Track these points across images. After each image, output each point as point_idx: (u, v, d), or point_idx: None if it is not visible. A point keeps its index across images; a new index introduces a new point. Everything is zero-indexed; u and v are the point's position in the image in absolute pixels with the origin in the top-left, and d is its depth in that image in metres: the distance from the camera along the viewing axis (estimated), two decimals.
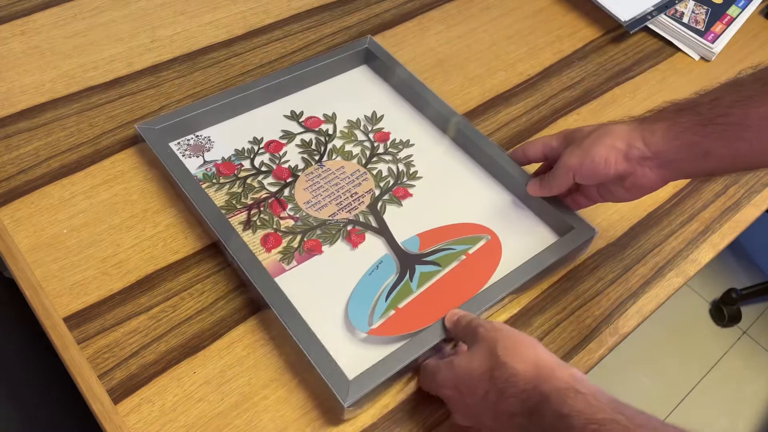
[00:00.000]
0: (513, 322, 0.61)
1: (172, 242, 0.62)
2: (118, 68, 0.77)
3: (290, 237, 0.63)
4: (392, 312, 0.59)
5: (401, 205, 0.67)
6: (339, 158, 0.70)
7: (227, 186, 0.66)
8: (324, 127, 0.72)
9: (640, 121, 0.56)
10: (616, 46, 0.90)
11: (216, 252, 0.62)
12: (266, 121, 0.72)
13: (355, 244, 0.63)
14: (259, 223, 0.63)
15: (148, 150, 0.67)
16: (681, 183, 0.74)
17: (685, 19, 0.92)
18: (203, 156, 0.68)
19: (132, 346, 0.55)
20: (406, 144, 0.72)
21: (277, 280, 0.58)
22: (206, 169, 0.67)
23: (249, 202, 0.65)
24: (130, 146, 0.69)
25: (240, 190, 0.66)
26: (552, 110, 0.80)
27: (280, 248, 0.62)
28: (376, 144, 0.72)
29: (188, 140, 0.69)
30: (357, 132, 0.72)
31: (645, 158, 0.54)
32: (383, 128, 0.73)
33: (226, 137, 0.70)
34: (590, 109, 0.81)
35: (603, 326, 0.62)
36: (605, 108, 0.82)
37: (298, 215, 0.64)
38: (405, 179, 0.69)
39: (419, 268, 0.62)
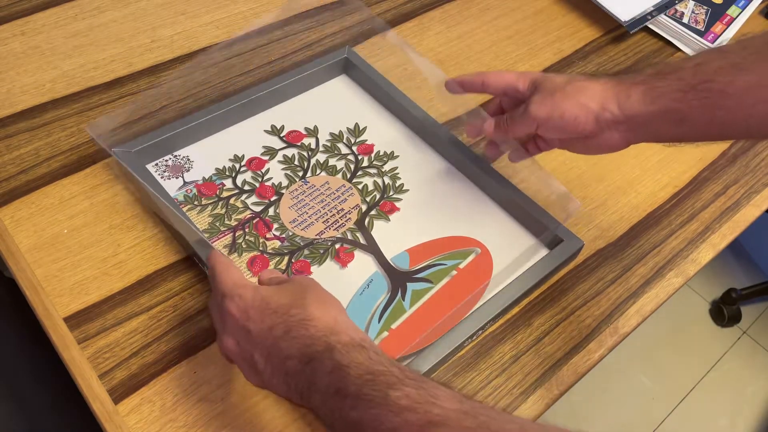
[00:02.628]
0: (513, 322, 0.61)
1: (172, 242, 0.62)
2: (119, 68, 0.77)
3: (278, 259, 0.61)
4: (386, 334, 0.58)
5: (389, 220, 0.66)
6: (323, 173, 0.68)
7: (209, 207, 0.64)
8: (306, 141, 0.71)
9: (617, 82, 0.54)
10: (616, 46, 0.90)
11: None
12: (246, 137, 0.70)
13: (344, 263, 0.62)
14: (244, 246, 0.62)
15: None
16: (681, 183, 0.75)
17: (685, 19, 0.92)
18: (183, 177, 0.66)
19: (132, 346, 0.56)
20: (391, 156, 0.71)
21: None
22: (186, 191, 0.65)
23: (233, 223, 0.63)
24: None
25: (223, 211, 0.64)
26: None
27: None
28: (360, 157, 0.70)
29: (166, 161, 0.67)
30: (340, 145, 0.71)
31: (616, 122, 0.53)
32: (366, 140, 0.72)
33: (206, 156, 0.68)
34: None
35: (603, 326, 0.62)
36: None
37: (284, 235, 0.63)
38: (391, 193, 0.68)
39: (411, 286, 0.61)
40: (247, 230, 0.63)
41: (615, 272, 0.66)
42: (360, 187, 0.68)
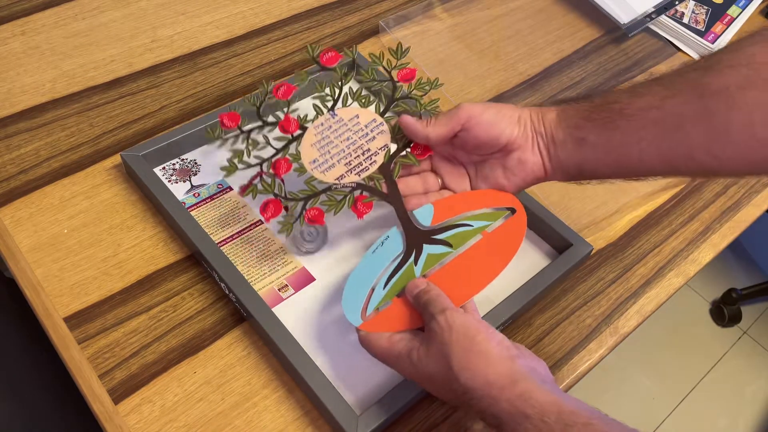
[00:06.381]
0: (513, 321, 0.61)
1: (172, 242, 0.62)
2: (119, 68, 0.77)
3: (292, 204, 0.56)
4: (389, 303, 0.51)
5: (419, 164, 0.59)
6: (354, 105, 0.60)
7: (230, 141, 0.58)
8: (343, 62, 0.62)
9: (536, 106, 0.55)
10: (616, 46, 0.90)
11: None
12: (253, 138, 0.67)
13: (360, 214, 0.56)
14: (260, 188, 0.56)
15: None
16: (681, 183, 0.74)
17: (686, 20, 0.92)
18: (190, 180, 0.66)
19: (132, 346, 0.56)
20: (434, 85, 0.62)
21: (275, 310, 0.57)
22: (194, 194, 0.65)
23: (252, 161, 0.58)
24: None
25: (243, 146, 0.58)
26: None
27: (279, 217, 0.56)
28: (398, 85, 0.62)
29: (173, 165, 0.67)
30: (379, 70, 0.62)
31: (537, 132, 0.53)
32: (409, 64, 0.62)
33: (213, 160, 0.67)
34: None
35: (603, 326, 0.62)
36: None
37: (302, 178, 0.57)
38: None
39: (427, 249, 0.54)
40: (264, 169, 0.58)
41: (615, 272, 0.66)
42: (393, 122, 0.60)
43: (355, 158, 0.58)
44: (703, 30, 0.91)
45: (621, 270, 0.66)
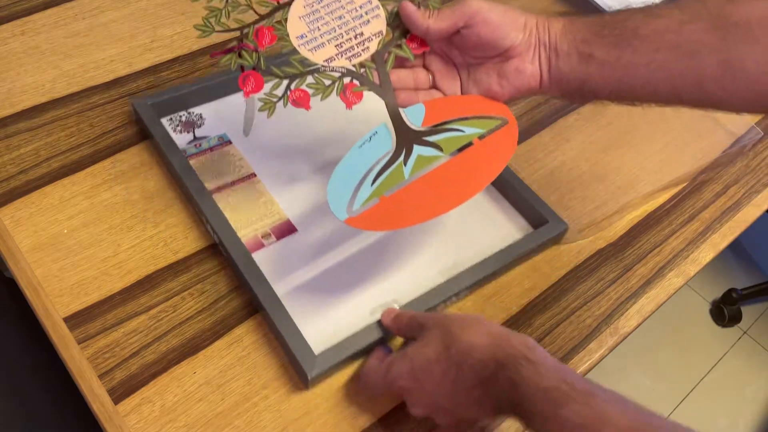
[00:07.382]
0: (514, 321, 0.61)
1: (172, 242, 0.62)
2: (119, 68, 0.77)
3: (275, 82, 0.52)
4: (376, 200, 0.50)
5: (414, 59, 0.55)
6: None
7: None
8: None
9: (543, 16, 0.53)
10: None
11: (216, 252, 0.62)
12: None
13: (349, 104, 0.53)
14: (238, 56, 0.52)
15: (148, 149, 0.67)
16: (681, 183, 0.74)
17: None
18: (194, 132, 0.70)
19: (132, 346, 0.56)
20: None
21: (254, 255, 0.59)
22: (195, 145, 0.68)
23: (231, 24, 0.52)
24: (130, 146, 0.69)
25: (222, 5, 0.53)
26: (552, 110, 0.80)
27: (260, 94, 0.52)
28: None
29: (180, 116, 0.71)
30: None
31: (540, 42, 0.51)
32: None
33: (217, 115, 0.71)
34: (590, 108, 0.81)
35: (603, 326, 0.62)
36: (606, 107, 0.82)
37: (287, 52, 0.53)
38: None
39: (417, 150, 0.52)
40: (245, 36, 0.53)
41: (615, 272, 0.66)
42: (390, 8, 0.56)
43: (346, 41, 0.54)
44: None
45: (621, 270, 0.66)
